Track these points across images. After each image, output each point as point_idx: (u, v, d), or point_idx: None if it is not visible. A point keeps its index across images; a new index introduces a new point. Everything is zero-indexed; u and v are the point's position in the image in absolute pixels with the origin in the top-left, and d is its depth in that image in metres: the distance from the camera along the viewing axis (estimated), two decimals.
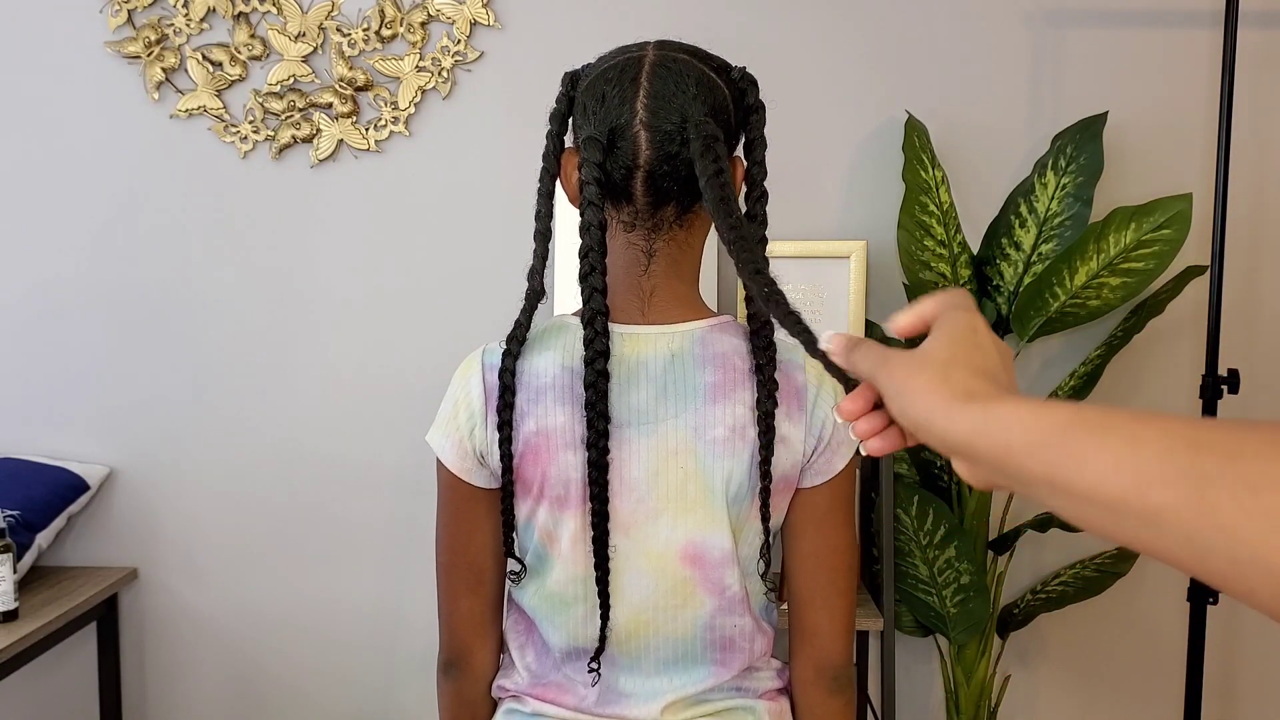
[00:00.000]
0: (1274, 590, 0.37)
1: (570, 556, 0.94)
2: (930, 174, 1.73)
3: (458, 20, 1.87)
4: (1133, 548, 0.42)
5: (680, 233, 0.93)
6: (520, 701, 1.00)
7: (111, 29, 1.89)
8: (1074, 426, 0.44)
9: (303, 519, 1.99)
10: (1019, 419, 0.46)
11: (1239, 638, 1.99)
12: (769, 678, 1.02)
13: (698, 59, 0.90)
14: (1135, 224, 1.67)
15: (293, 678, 2.02)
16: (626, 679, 0.98)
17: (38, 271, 1.95)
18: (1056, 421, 0.45)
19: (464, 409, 0.95)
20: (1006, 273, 1.77)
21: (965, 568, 1.70)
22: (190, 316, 1.96)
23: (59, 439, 1.98)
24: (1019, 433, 0.46)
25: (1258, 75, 1.86)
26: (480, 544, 0.98)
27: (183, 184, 1.93)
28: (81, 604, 1.77)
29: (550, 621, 0.97)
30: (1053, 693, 2.01)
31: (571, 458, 0.91)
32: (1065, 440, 0.44)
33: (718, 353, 0.93)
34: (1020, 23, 1.87)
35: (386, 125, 1.90)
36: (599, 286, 0.88)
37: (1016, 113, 1.88)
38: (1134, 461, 0.41)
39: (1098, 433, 0.43)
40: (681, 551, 0.93)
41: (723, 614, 0.96)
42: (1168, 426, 0.41)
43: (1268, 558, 0.36)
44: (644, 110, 0.87)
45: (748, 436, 0.91)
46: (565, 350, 0.93)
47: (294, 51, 1.88)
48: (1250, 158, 1.88)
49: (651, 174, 0.88)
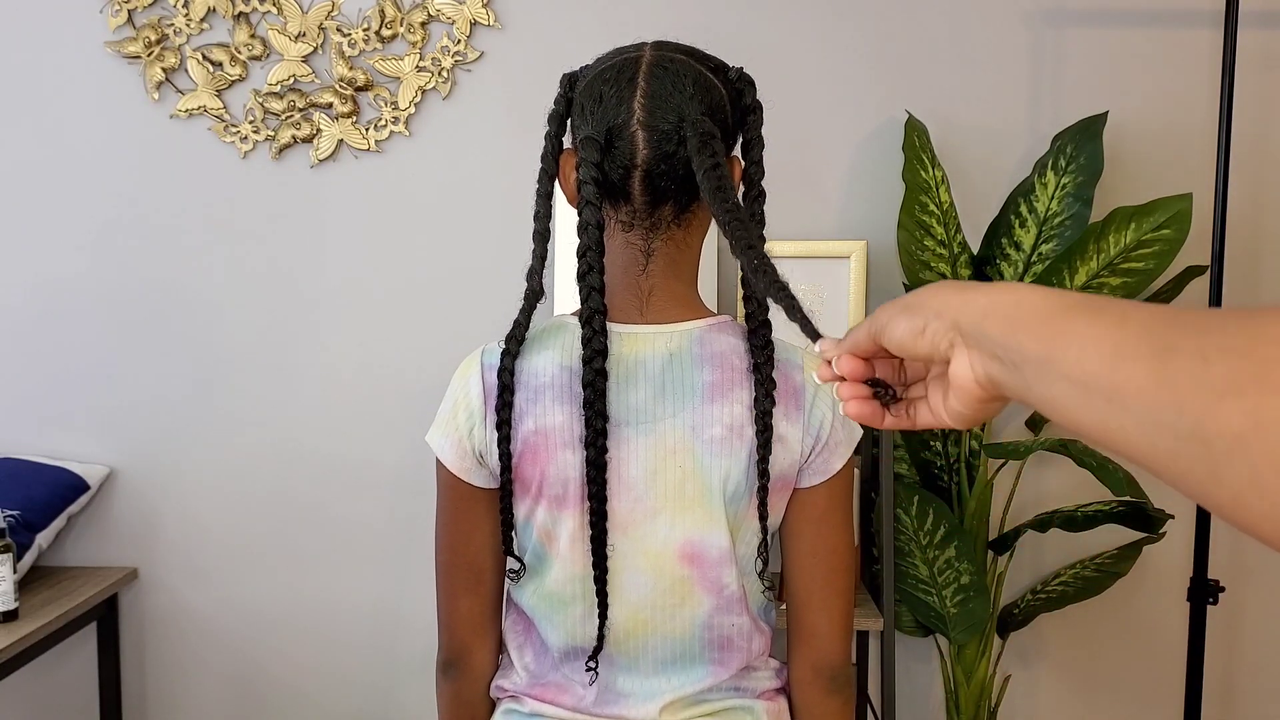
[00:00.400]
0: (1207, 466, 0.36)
1: (569, 556, 0.94)
2: (930, 174, 1.73)
3: (458, 20, 1.88)
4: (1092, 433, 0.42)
5: (678, 232, 0.93)
6: (519, 701, 1.00)
7: (111, 29, 1.89)
8: (1073, 306, 0.45)
9: (303, 519, 1.99)
10: (1030, 295, 0.48)
11: (1239, 638, 1.98)
12: (767, 677, 1.02)
13: (695, 59, 0.91)
14: (1135, 224, 1.67)
15: (293, 678, 2.02)
16: (625, 679, 0.98)
17: (38, 271, 1.95)
18: (1061, 301, 0.46)
19: (463, 409, 0.95)
20: (1007, 273, 1.77)
21: (965, 568, 1.70)
22: (190, 316, 1.96)
23: (59, 439, 1.98)
24: (1028, 306, 0.47)
25: (1258, 75, 1.86)
26: (479, 543, 0.98)
27: (183, 184, 1.93)
28: (81, 604, 1.77)
29: (549, 621, 0.97)
30: (1053, 693, 2.00)
31: (570, 457, 0.91)
32: (1063, 316, 0.45)
33: (715, 352, 0.93)
34: (1020, 23, 1.87)
35: (386, 125, 1.90)
36: (597, 286, 0.88)
37: (1016, 113, 1.88)
38: (1115, 336, 0.42)
39: (1090, 311, 0.44)
40: (679, 550, 0.93)
41: (721, 613, 0.96)
42: (1157, 310, 0.42)
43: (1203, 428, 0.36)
44: (641, 110, 0.87)
45: (745, 436, 0.91)
46: (563, 350, 0.93)
47: (294, 51, 1.88)
48: (1250, 158, 1.88)
49: (649, 173, 0.88)
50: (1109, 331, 0.42)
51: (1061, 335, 0.44)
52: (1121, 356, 0.41)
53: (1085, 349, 0.43)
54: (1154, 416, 0.38)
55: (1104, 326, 0.42)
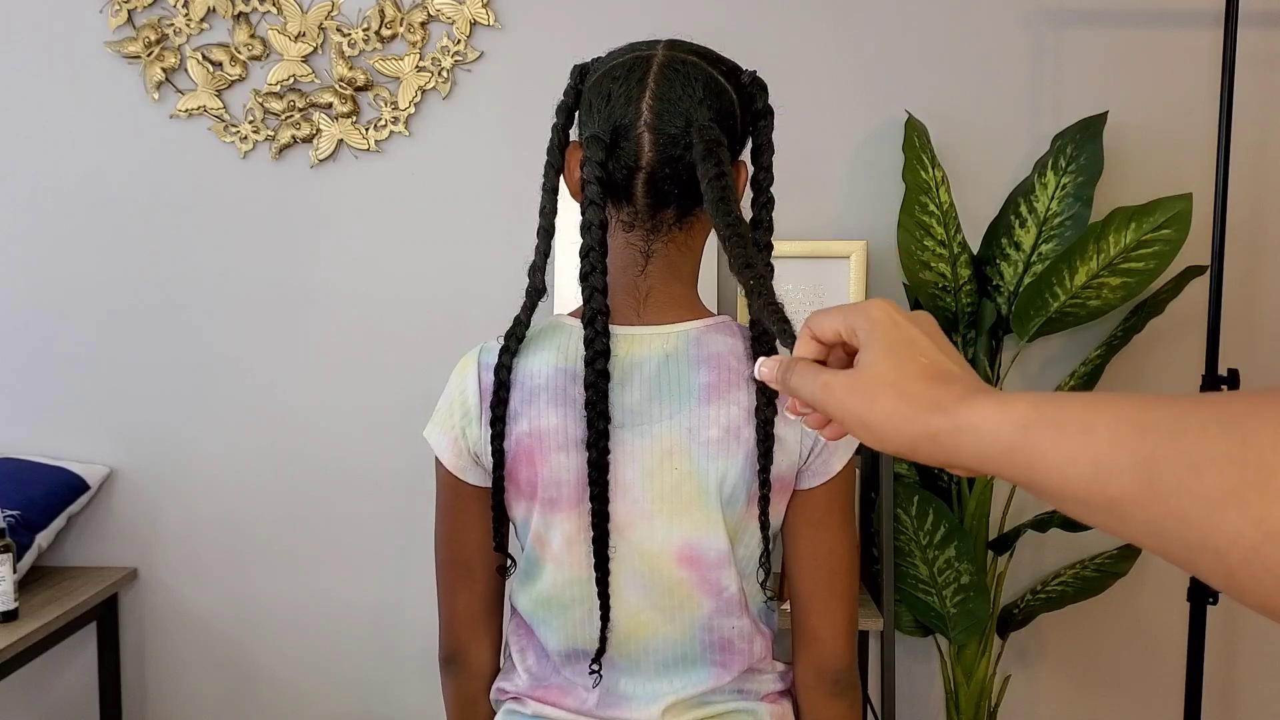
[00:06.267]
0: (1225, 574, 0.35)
1: (565, 559, 0.94)
2: (930, 174, 1.73)
3: (458, 20, 1.87)
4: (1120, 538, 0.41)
5: (680, 235, 0.93)
6: (520, 703, 1.00)
7: (111, 29, 1.89)
8: (1033, 425, 0.43)
9: (303, 519, 1.99)
10: (987, 426, 0.45)
11: (1239, 638, 1.98)
12: (771, 680, 1.01)
13: (707, 61, 0.90)
14: (1135, 224, 1.66)
15: (293, 677, 2.02)
16: (627, 681, 0.97)
17: (38, 271, 1.95)
18: (1017, 422, 0.44)
19: (459, 407, 0.95)
20: (1006, 273, 1.77)
21: (965, 568, 1.70)
22: (190, 316, 1.96)
23: (59, 439, 1.98)
24: (989, 440, 0.45)
25: (1258, 75, 1.86)
26: (475, 541, 0.98)
27: (183, 184, 1.93)
28: (81, 604, 1.77)
29: (546, 625, 0.97)
30: (1053, 693, 2.00)
31: (564, 460, 0.91)
32: (1027, 441, 0.43)
33: (713, 353, 0.92)
34: (1020, 23, 1.87)
35: (386, 125, 1.90)
36: (599, 286, 0.88)
37: (1016, 113, 1.88)
38: (1089, 453, 0.40)
39: (1052, 428, 0.42)
40: (677, 553, 0.93)
41: (720, 615, 0.95)
42: (1119, 410, 0.40)
43: (1213, 540, 0.35)
44: (649, 112, 0.87)
45: (742, 437, 0.91)
46: (560, 351, 0.93)
47: (294, 51, 1.88)
48: (1250, 158, 1.88)
49: (653, 176, 0.88)
50: (1082, 448, 0.40)
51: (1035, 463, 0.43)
52: (1104, 472, 0.39)
53: (1065, 474, 0.41)
54: (1159, 529, 0.37)
55: (1073, 444, 0.41)
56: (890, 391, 0.50)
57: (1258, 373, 1.90)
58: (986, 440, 0.45)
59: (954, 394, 0.48)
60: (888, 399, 0.50)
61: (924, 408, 0.48)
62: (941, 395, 0.48)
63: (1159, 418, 0.38)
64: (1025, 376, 1.92)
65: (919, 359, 0.51)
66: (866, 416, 0.50)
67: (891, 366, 0.51)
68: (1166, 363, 1.92)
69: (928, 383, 0.49)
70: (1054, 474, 0.42)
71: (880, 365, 0.51)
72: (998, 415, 0.45)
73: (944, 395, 0.48)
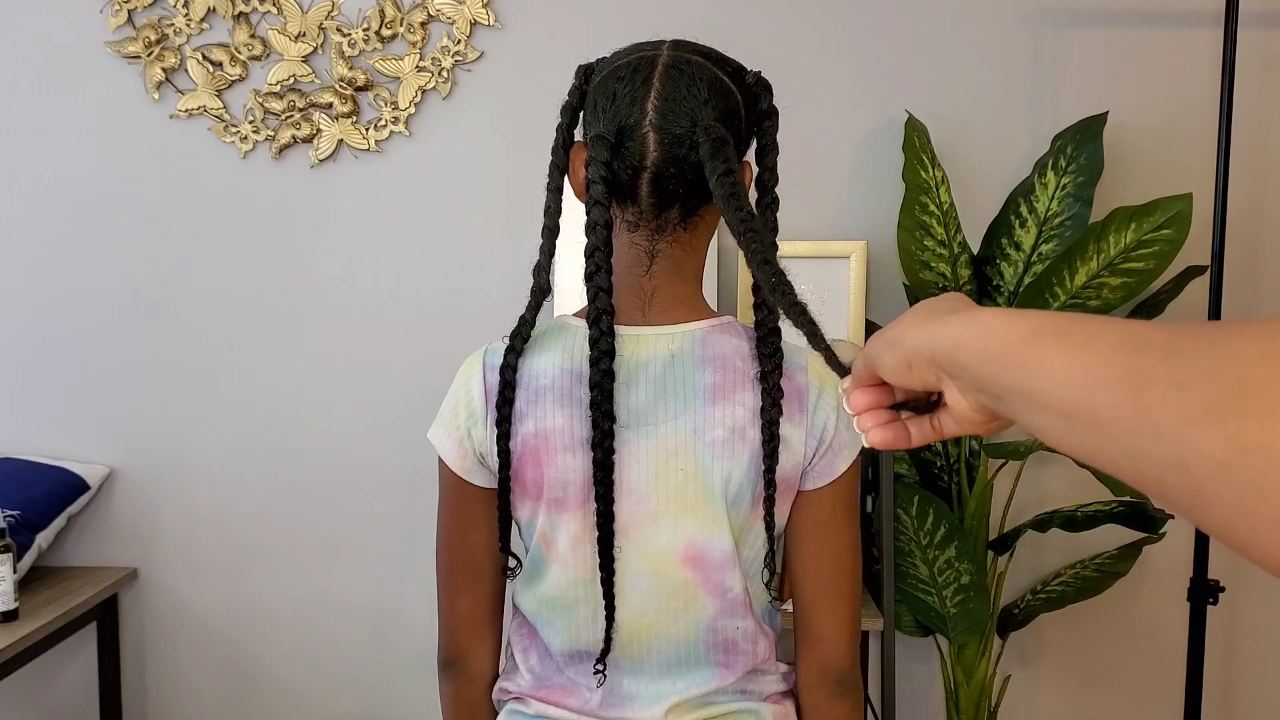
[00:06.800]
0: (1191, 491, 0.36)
1: (570, 559, 0.94)
2: (930, 174, 1.73)
3: (458, 20, 1.87)
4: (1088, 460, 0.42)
5: (684, 234, 0.93)
6: (523, 703, 1.00)
7: (111, 29, 1.89)
8: (1040, 332, 0.44)
9: (303, 519, 1.99)
10: (996, 324, 0.47)
11: (1239, 638, 1.99)
12: (774, 681, 1.01)
13: (712, 62, 0.90)
14: (1135, 224, 1.67)
15: (293, 677, 2.02)
16: (630, 681, 0.97)
17: (38, 271, 1.95)
18: (1027, 327, 0.45)
19: (464, 408, 0.95)
20: (1006, 273, 1.77)
21: (965, 568, 1.70)
22: (190, 316, 1.96)
23: (59, 439, 1.97)
24: (995, 336, 0.47)
25: (1258, 75, 1.86)
26: (479, 542, 0.98)
27: (183, 184, 1.93)
28: (81, 604, 1.77)
29: (550, 625, 0.97)
30: (1053, 693, 2.01)
31: (570, 460, 0.91)
32: (1030, 345, 0.44)
33: (718, 353, 0.92)
34: (1020, 23, 1.87)
35: (386, 125, 1.90)
36: (604, 286, 0.88)
37: (1016, 113, 1.88)
38: (1084, 363, 0.41)
39: (1056, 336, 0.43)
40: (682, 554, 0.93)
41: (724, 616, 0.95)
42: (1123, 329, 0.41)
43: (1184, 455, 0.35)
44: (654, 112, 0.87)
45: (747, 438, 0.91)
46: (565, 351, 0.93)
47: (294, 51, 1.88)
48: (1250, 158, 1.88)
49: (658, 176, 0.88)
50: (1078, 357, 0.41)
51: (1032, 365, 0.44)
52: (1095, 383, 0.40)
53: (1057, 378, 0.42)
54: (1136, 444, 0.38)
55: (1072, 352, 0.42)
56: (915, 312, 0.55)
57: None
58: (992, 336, 0.47)
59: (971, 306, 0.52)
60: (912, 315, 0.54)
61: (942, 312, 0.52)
62: (960, 306, 0.52)
63: (1159, 338, 0.39)
64: None
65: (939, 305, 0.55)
66: (890, 331, 0.55)
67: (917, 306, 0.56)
68: None
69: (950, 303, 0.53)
70: (1046, 380, 0.42)
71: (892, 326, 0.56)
72: (1009, 319, 0.47)
73: (962, 306, 0.52)
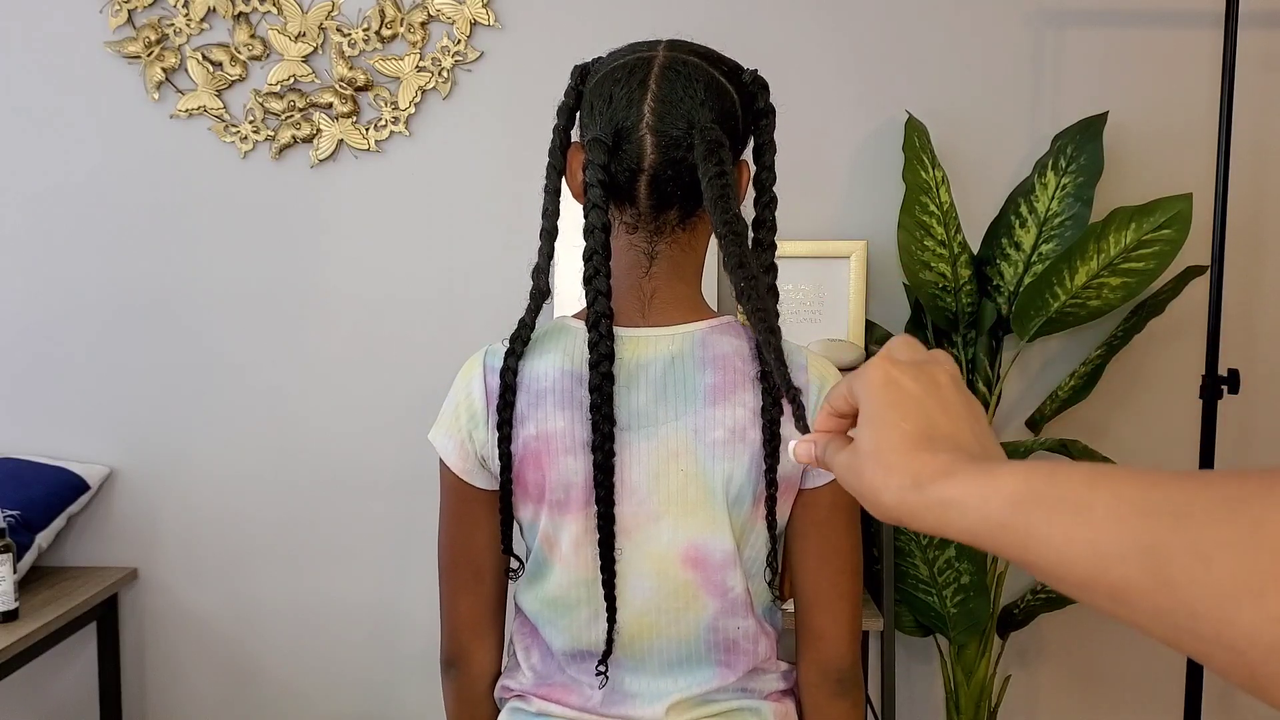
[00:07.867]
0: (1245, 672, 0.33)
1: (572, 561, 0.94)
2: (930, 174, 1.73)
3: (458, 20, 1.87)
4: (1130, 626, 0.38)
5: (683, 235, 0.93)
6: (525, 701, 1.00)
7: (111, 29, 1.89)
8: (1023, 502, 0.40)
9: (303, 519, 1.99)
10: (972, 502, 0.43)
11: None
12: (775, 679, 1.02)
13: (708, 62, 0.90)
14: (1135, 224, 1.67)
15: (293, 677, 2.02)
16: (632, 679, 0.98)
17: (37, 271, 1.95)
18: (1006, 498, 0.41)
19: (465, 410, 0.95)
20: (1007, 273, 1.77)
21: (965, 568, 1.70)
22: (190, 316, 1.96)
23: (59, 439, 1.97)
24: (976, 517, 0.42)
25: (1258, 75, 1.86)
26: (480, 544, 0.98)
27: (183, 184, 1.93)
28: (81, 604, 1.77)
29: (552, 625, 0.97)
30: (1053, 693, 2.01)
31: (572, 462, 0.91)
32: (1018, 520, 0.40)
33: (718, 354, 0.92)
34: (1020, 23, 1.87)
35: (386, 125, 1.90)
36: (603, 289, 0.88)
37: (1016, 113, 1.88)
38: (1087, 535, 0.38)
39: (1044, 507, 0.40)
40: (683, 554, 0.93)
41: (725, 616, 0.95)
42: (1117, 489, 0.38)
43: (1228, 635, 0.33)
44: (651, 114, 0.87)
45: (748, 438, 0.91)
46: (566, 354, 0.93)
47: (294, 51, 1.88)
48: (1250, 158, 1.88)
49: (656, 178, 0.88)
50: (1077, 533, 0.38)
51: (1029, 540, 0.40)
52: (1105, 557, 0.37)
53: (1061, 553, 0.38)
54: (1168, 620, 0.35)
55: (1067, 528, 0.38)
56: (870, 463, 0.48)
57: (1258, 373, 1.91)
58: (973, 517, 0.42)
59: (934, 467, 0.45)
60: (867, 471, 0.48)
61: (902, 480, 0.46)
62: (920, 468, 0.46)
63: (1162, 499, 0.36)
64: (1025, 376, 1.92)
65: (900, 425, 0.48)
66: (858, 489, 0.49)
67: (869, 435, 0.49)
68: (1166, 363, 1.92)
69: (906, 453, 0.47)
70: (1051, 556, 0.39)
71: (861, 435, 0.49)
72: (984, 491, 0.42)
73: (923, 468, 0.46)
